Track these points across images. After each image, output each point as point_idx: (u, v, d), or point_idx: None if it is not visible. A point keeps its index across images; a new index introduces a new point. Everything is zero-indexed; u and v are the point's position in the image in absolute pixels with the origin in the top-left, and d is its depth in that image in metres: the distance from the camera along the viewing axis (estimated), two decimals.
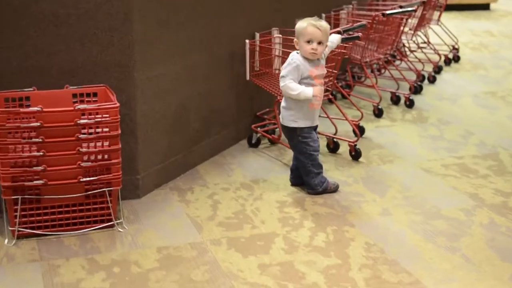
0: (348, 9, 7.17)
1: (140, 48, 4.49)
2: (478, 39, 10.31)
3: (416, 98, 6.89)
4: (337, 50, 5.12)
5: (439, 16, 8.65)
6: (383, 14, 6.25)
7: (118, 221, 4.23)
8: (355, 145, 5.39)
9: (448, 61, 8.57)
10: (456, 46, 8.88)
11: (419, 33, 8.17)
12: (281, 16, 5.84)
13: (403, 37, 7.73)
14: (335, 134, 5.63)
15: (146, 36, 4.54)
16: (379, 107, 6.46)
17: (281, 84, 4.58)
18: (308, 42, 4.52)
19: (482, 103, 7.02)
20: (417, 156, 5.50)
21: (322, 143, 5.40)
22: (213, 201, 4.66)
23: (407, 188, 4.88)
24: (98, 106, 4.02)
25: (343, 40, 5.07)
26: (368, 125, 6.07)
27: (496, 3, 13.10)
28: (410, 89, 7.05)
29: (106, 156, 4.09)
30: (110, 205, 4.14)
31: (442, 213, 4.50)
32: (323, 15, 6.63)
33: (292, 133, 4.71)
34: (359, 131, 5.81)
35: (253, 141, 5.63)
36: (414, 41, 8.25)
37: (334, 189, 4.80)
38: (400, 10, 6.48)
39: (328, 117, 5.69)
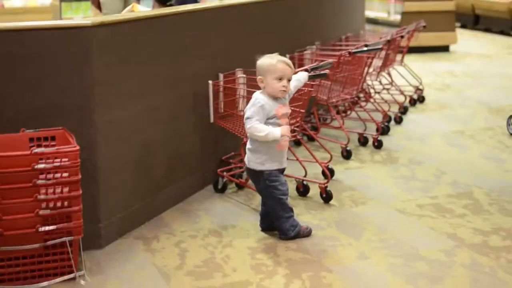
0: (312, 49, 7.02)
1: (101, 89, 4.28)
2: (440, 79, 10.25)
3: (384, 139, 6.72)
4: (304, 89, 4.95)
5: (402, 57, 8.56)
6: (350, 53, 6.11)
7: (79, 272, 3.95)
8: (326, 186, 5.19)
9: (413, 102, 8.45)
10: (420, 87, 8.78)
11: (383, 74, 8.04)
12: (245, 57, 5.64)
13: (368, 78, 7.59)
14: (304, 176, 5.41)
15: (106, 76, 4.32)
16: (348, 148, 6.28)
17: (247, 126, 4.36)
18: (279, 79, 4.33)
19: (451, 142, 6.88)
20: (390, 197, 5.31)
21: (291, 186, 5.19)
22: (180, 249, 4.41)
23: (383, 230, 4.68)
24: (57, 149, 3.78)
25: (310, 78, 4.90)
26: (337, 167, 5.87)
27: (456, 45, 13.11)
28: (377, 129, 6.89)
29: (66, 203, 3.84)
30: (71, 255, 3.87)
31: (422, 254, 4.30)
32: (287, 55, 6.46)
33: (258, 176, 4.49)
34: (329, 173, 5.62)
35: (219, 186, 5.40)
36: (379, 81, 8.12)
37: (307, 234, 4.57)
38: (366, 48, 6.34)
39: (297, 159, 5.48)
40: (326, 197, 5.18)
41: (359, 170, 6.00)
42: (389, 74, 8.24)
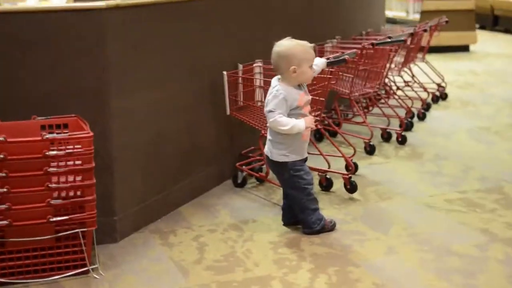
0: (332, 42, 6.80)
1: (115, 74, 4.08)
2: (462, 78, 10.00)
3: (407, 135, 6.48)
4: (321, 76, 4.76)
5: (424, 53, 8.33)
6: (373, 44, 5.89)
7: (93, 266, 3.75)
8: (350, 177, 4.99)
9: (435, 99, 8.21)
10: (443, 84, 8.55)
11: (404, 70, 7.81)
12: (265, 48, 5.44)
13: (390, 73, 7.36)
14: (328, 169, 5.19)
15: (121, 61, 4.12)
16: (371, 143, 6.05)
17: (270, 119, 4.13)
18: (311, 67, 4.13)
19: (477, 138, 6.64)
20: (418, 192, 5.08)
21: (314, 181, 4.96)
22: (199, 243, 4.20)
23: (412, 225, 4.45)
24: (69, 135, 3.58)
25: (328, 64, 4.69)
26: (360, 162, 5.63)
27: (475, 45, 12.86)
28: (401, 125, 6.66)
29: (78, 193, 3.64)
30: (84, 248, 3.66)
31: (453, 250, 4.07)
32: None
33: (282, 168, 4.27)
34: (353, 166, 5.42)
35: (239, 181, 5.18)
36: (401, 77, 7.89)
37: (332, 228, 4.35)
38: (390, 40, 6.12)
39: (320, 153, 5.24)
40: (351, 188, 4.97)
41: (383, 166, 5.77)
42: (410, 70, 8.00)
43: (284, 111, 4.11)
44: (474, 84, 9.59)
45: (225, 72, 5.07)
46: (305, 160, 4.33)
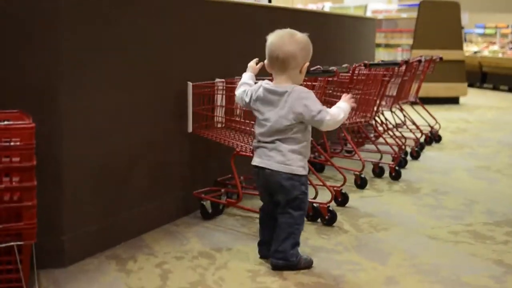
0: None
1: (69, 69, 3.45)
2: (455, 125, 9.45)
3: (401, 172, 5.87)
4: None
5: (417, 90, 7.80)
6: (365, 65, 5.31)
7: None
8: (328, 206, 4.40)
9: (429, 140, 7.64)
10: (436, 126, 7.99)
11: (396, 107, 7.23)
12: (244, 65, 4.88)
13: (381, 108, 6.78)
14: (314, 198, 4.56)
15: (76, 55, 3.50)
16: (362, 175, 5.43)
17: (326, 118, 3.45)
18: None
19: (477, 175, 6.04)
20: (417, 224, 4.46)
21: None
22: (162, 270, 3.53)
23: (413, 256, 3.82)
24: (6, 125, 2.93)
25: (313, 75, 4.11)
26: (351, 195, 4.98)
27: (465, 97, 12.38)
28: (394, 159, 6.06)
29: (15, 197, 2.96)
30: (20, 266, 2.97)
31: (465, 281, 3.45)
32: None
33: (296, 183, 3.54)
34: (343, 197, 4.80)
35: (210, 211, 4.51)
36: (393, 113, 7.33)
37: (308, 265, 3.63)
38: (383, 63, 5.57)
39: (310, 182, 4.59)
40: (329, 219, 4.37)
41: (376, 198, 5.14)
42: (402, 110, 7.43)
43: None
44: (468, 129, 9.05)
45: (190, 83, 4.43)
46: None
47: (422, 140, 7.46)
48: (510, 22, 17.68)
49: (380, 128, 6.88)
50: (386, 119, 7.11)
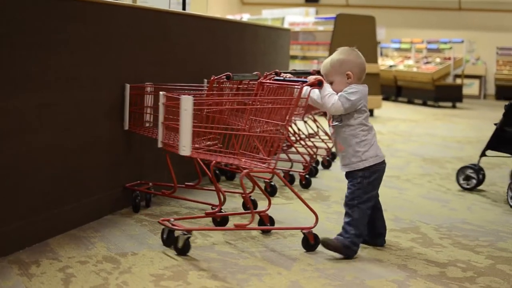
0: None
1: None
2: None
3: (312, 180, 5.90)
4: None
5: None
6: (276, 73, 5.31)
7: None
8: (221, 208, 4.46)
9: None
10: None
11: (309, 117, 7.27)
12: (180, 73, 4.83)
13: (294, 118, 6.80)
14: (222, 205, 4.53)
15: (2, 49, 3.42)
16: (272, 183, 5.43)
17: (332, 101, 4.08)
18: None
19: (387, 184, 6.10)
20: (326, 231, 4.45)
21: (207, 220, 4.30)
22: (65, 274, 3.46)
23: (319, 261, 3.86)
24: None
25: (236, 78, 4.17)
26: (260, 203, 4.97)
27: (380, 110, 12.57)
28: (305, 168, 6.08)
29: None
30: None
31: (369, 284, 3.47)
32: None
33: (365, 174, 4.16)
34: (252, 204, 4.77)
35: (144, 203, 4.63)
36: (305, 123, 7.37)
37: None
38: (295, 72, 5.59)
39: (219, 190, 4.56)
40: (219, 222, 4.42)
41: (286, 206, 5.15)
42: (315, 120, 7.47)
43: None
44: (380, 141, 9.16)
45: (127, 84, 4.56)
46: None
47: (334, 150, 7.50)
48: (425, 37, 18.05)
49: (293, 138, 6.91)
50: (299, 129, 7.15)
